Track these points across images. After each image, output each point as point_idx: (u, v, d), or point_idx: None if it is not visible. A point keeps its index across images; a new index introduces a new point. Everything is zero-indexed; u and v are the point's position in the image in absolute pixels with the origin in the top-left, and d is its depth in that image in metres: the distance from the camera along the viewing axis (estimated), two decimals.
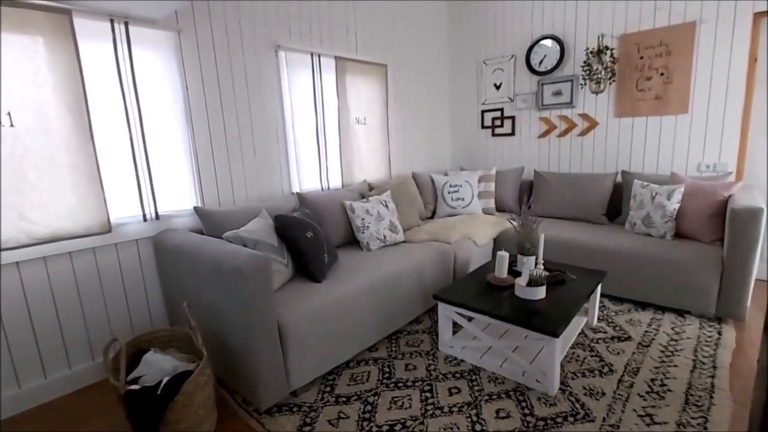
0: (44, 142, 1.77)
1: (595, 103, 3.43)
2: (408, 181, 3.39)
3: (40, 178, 1.77)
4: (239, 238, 1.90)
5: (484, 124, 4.18)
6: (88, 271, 2.00)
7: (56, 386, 1.93)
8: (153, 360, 1.63)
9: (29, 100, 1.72)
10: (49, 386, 1.91)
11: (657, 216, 2.67)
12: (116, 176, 2.05)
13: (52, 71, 1.77)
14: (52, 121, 1.78)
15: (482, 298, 2.03)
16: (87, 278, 1.99)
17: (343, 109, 3.09)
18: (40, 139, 1.75)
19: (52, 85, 1.77)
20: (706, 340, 2.16)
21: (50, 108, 1.77)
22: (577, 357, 2.06)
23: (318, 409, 1.75)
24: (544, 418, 1.64)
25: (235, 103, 2.47)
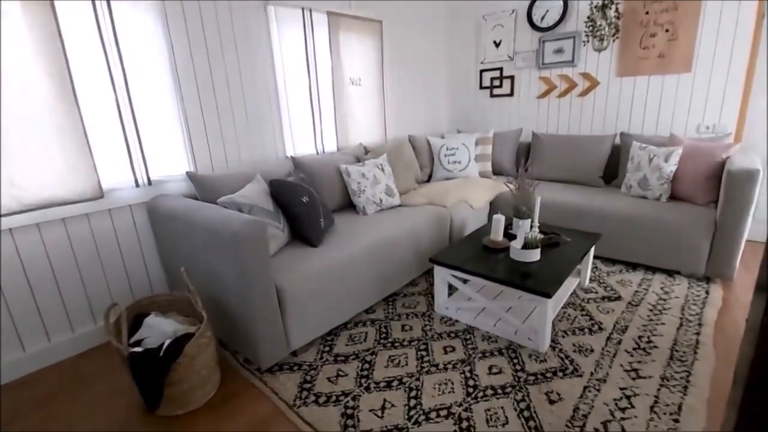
0: (27, 106, 1.70)
1: (597, 61, 3.32)
2: (404, 144, 3.33)
3: (26, 144, 1.72)
4: (234, 204, 1.89)
5: (483, 84, 4.07)
6: (83, 237, 1.99)
7: (60, 349, 1.97)
8: (154, 323, 1.66)
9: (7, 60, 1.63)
10: (53, 349, 1.95)
11: (653, 178, 2.66)
12: (105, 141, 1.99)
13: (31, 32, 1.67)
14: (33, 86, 1.70)
15: (478, 260, 2.06)
16: (83, 244, 1.99)
17: (336, 69, 2.98)
18: (21, 102, 1.69)
19: (30, 45, 1.68)
20: (693, 299, 2.22)
21: (30, 70, 1.69)
22: (568, 316, 2.12)
23: (317, 368, 1.81)
24: (534, 374, 1.71)
25: (224, 63, 2.37)
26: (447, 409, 1.53)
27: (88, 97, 1.91)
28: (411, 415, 1.51)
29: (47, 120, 1.76)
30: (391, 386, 1.67)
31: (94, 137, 1.92)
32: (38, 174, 1.76)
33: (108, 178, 2.02)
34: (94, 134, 1.93)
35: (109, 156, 2.02)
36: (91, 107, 1.92)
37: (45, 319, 1.92)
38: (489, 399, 1.58)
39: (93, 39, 1.89)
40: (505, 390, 1.62)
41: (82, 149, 1.86)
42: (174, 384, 1.53)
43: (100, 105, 1.96)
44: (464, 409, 1.53)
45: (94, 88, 1.93)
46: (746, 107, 2.82)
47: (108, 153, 2.01)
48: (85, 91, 1.89)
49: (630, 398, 1.54)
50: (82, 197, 1.89)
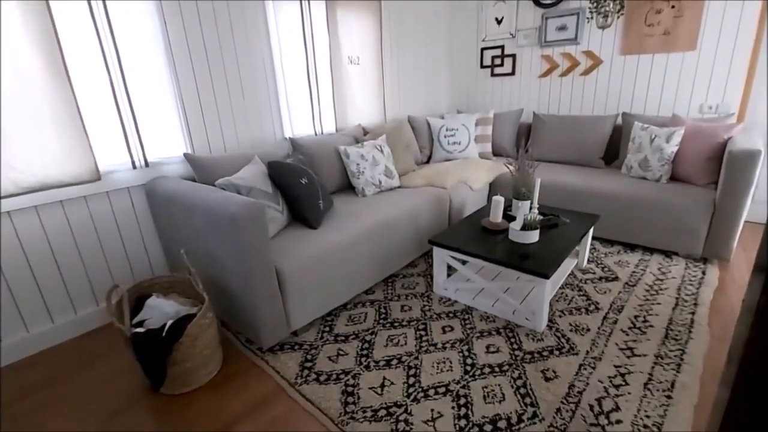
0: (18, 86, 1.66)
1: (601, 39, 3.25)
2: (403, 125, 3.30)
3: (20, 125, 1.69)
4: (232, 186, 1.88)
5: (484, 63, 3.99)
6: (82, 219, 1.99)
7: (64, 330, 2.00)
8: (155, 304, 1.68)
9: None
10: (57, 330, 1.98)
11: (654, 159, 2.65)
12: (100, 122, 1.97)
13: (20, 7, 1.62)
14: (24, 63, 1.66)
15: (477, 242, 2.07)
16: (82, 227, 1.99)
17: (334, 47, 2.91)
18: (13, 82, 1.65)
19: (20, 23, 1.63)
20: (690, 280, 2.25)
21: (21, 49, 1.65)
22: (565, 296, 2.15)
23: (318, 347, 1.84)
24: (531, 352, 1.74)
25: (219, 42, 2.31)
26: (445, 387, 1.57)
27: (81, 77, 1.87)
28: (410, 393, 1.55)
29: (40, 101, 1.72)
30: (391, 365, 1.70)
31: (89, 119, 1.89)
32: (34, 156, 1.74)
33: (105, 160, 2.00)
34: (89, 115, 1.90)
35: (105, 138, 2.00)
36: (85, 88, 1.89)
37: (47, 300, 1.94)
38: (486, 377, 1.61)
39: (84, 17, 1.83)
40: (502, 368, 1.65)
41: (77, 131, 1.83)
42: (177, 363, 1.55)
43: (93, 85, 1.92)
44: (462, 386, 1.57)
45: (87, 68, 1.89)
46: (750, 87, 2.78)
47: (104, 135, 1.99)
48: (77, 72, 1.85)
49: (624, 376, 1.58)
50: (79, 179, 1.88)
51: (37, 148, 1.75)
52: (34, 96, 1.71)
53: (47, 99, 1.74)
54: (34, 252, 1.86)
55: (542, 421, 1.40)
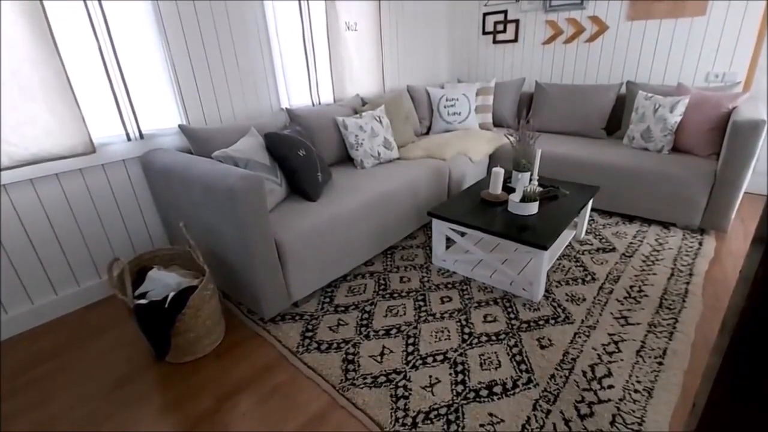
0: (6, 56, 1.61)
1: (607, 4, 3.13)
2: (402, 96, 3.23)
3: (10, 97, 1.65)
4: (229, 158, 1.85)
5: (486, 29, 3.86)
6: (79, 192, 1.97)
7: (67, 302, 2.03)
8: (157, 276, 1.69)
9: None
10: (60, 302, 2.00)
11: (657, 129, 2.61)
12: (91, 94, 1.91)
13: None
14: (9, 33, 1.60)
15: (476, 214, 2.07)
16: (79, 200, 1.98)
17: (331, 13, 2.80)
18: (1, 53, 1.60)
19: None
20: (686, 250, 2.27)
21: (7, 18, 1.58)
22: (562, 267, 2.17)
23: (319, 318, 1.88)
24: (527, 321, 1.78)
25: (211, 8, 2.22)
26: (443, 354, 1.61)
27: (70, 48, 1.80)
28: (409, 360, 1.59)
29: (29, 71, 1.67)
30: (390, 334, 1.74)
31: (80, 90, 1.84)
32: (27, 129, 1.71)
33: (99, 132, 1.97)
34: (80, 87, 1.85)
35: (98, 109, 1.95)
36: (74, 58, 1.83)
37: (49, 273, 1.95)
38: (483, 345, 1.65)
39: None
40: (498, 337, 1.69)
41: (68, 102, 1.79)
42: (181, 334, 1.59)
43: (82, 55, 1.86)
44: (459, 354, 1.61)
45: (75, 38, 1.82)
46: (759, 55, 2.70)
47: (96, 106, 1.94)
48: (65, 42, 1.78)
49: (618, 343, 1.62)
50: (74, 152, 1.85)
51: (30, 121, 1.71)
52: (23, 68, 1.66)
53: (37, 71, 1.69)
54: (33, 225, 1.86)
55: (536, 386, 1.45)
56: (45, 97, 1.73)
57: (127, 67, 1.99)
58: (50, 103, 1.75)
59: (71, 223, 1.97)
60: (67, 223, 1.96)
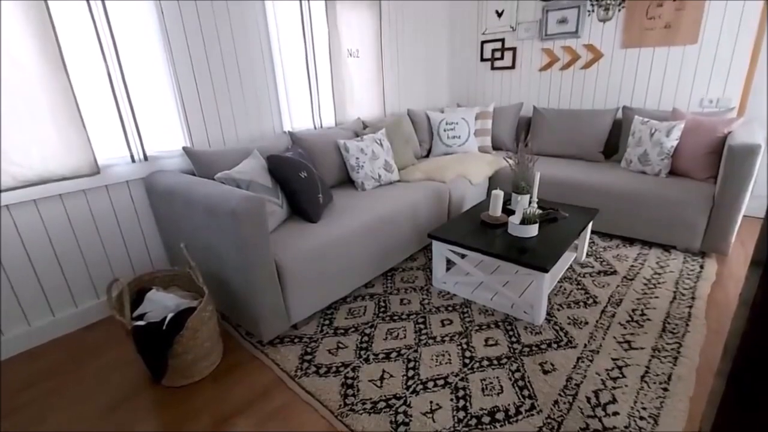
0: (16, 78, 1.65)
1: (602, 32, 3.23)
2: (403, 119, 3.29)
3: (18, 118, 1.68)
4: (232, 179, 1.87)
5: (484, 56, 3.97)
6: (82, 213, 1.98)
7: (65, 323, 2.01)
8: (156, 298, 1.68)
9: None
10: (58, 323, 1.98)
11: (654, 153, 2.65)
12: (98, 116, 1.95)
13: None
14: (20, 56, 1.65)
15: (476, 236, 2.07)
16: (81, 220, 1.99)
17: (334, 40, 2.89)
18: (10, 74, 1.64)
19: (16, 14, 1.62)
20: (688, 273, 2.26)
21: (17, 40, 1.64)
22: (564, 290, 2.16)
23: (318, 340, 1.85)
24: (529, 345, 1.75)
25: (218, 34, 2.30)
26: (444, 379, 1.58)
27: (79, 70, 1.86)
28: (409, 385, 1.56)
29: (38, 93, 1.72)
30: (390, 358, 1.72)
31: (87, 112, 1.88)
32: (33, 150, 1.74)
33: (104, 153, 2.00)
34: (87, 109, 1.89)
35: (104, 131, 1.99)
36: (82, 81, 1.87)
37: (48, 294, 1.94)
38: (485, 369, 1.62)
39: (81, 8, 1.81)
40: (500, 361, 1.67)
41: (75, 124, 1.83)
42: (178, 356, 1.56)
43: (91, 78, 1.91)
44: (461, 379, 1.58)
45: (84, 61, 1.87)
46: (752, 81, 2.77)
47: (102, 128, 1.98)
48: (75, 65, 1.83)
49: (621, 368, 1.59)
50: (78, 173, 1.88)
51: (36, 142, 1.74)
52: (32, 88, 1.70)
53: (45, 92, 1.73)
54: (34, 246, 1.87)
55: (540, 413, 1.41)
56: (52, 119, 1.77)
57: (134, 89, 2.04)
58: (57, 124, 1.78)
59: (72, 243, 1.98)
60: (68, 244, 1.96)
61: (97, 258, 2.07)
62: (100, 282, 2.10)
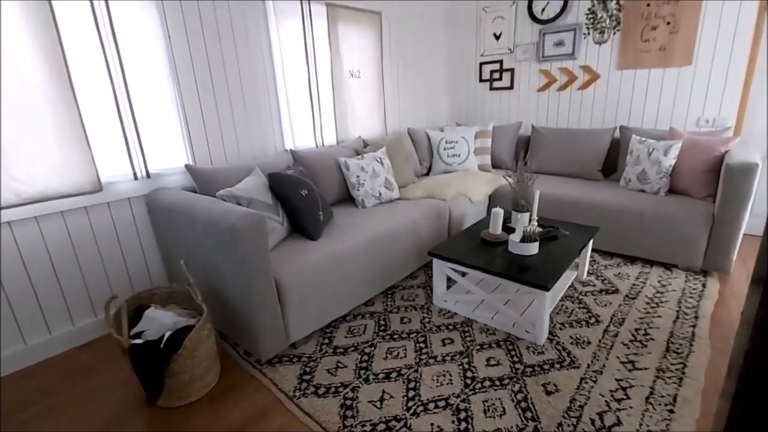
0: (23, 96, 1.69)
1: (598, 54, 3.30)
2: (403, 138, 3.32)
3: (24, 136, 1.71)
4: (233, 197, 1.88)
5: (482, 77, 4.05)
6: (82, 230, 1.99)
7: (61, 341, 1.98)
8: (154, 315, 1.67)
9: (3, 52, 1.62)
10: (54, 341, 1.96)
11: (652, 172, 2.67)
12: (102, 133, 1.98)
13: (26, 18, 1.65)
14: (29, 74, 1.69)
15: (476, 253, 2.07)
16: (82, 237, 1.99)
17: (335, 61, 2.96)
18: (18, 92, 1.67)
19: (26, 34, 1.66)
20: (690, 292, 2.24)
21: (25, 59, 1.67)
22: (565, 309, 2.14)
23: (317, 360, 1.83)
24: (531, 365, 1.73)
25: (222, 55, 2.35)
26: (445, 401, 1.55)
27: (85, 89, 1.89)
28: (409, 406, 1.53)
29: (44, 112, 1.74)
30: (390, 378, 1.69)
31: (91, 129, 1.91)
32: (36, 167, 1.75)
33: (106, 170, 2.01)
34: (92, 126, 1.92)
35: (108, 148, 2.01)
36: (88, 99, 1.91)
37: (45, 311, 1.93)
38: (487, 390, 1.59)
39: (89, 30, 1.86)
40: (502, 381, 1.64)
41: (79, 142, 1.85)
42: (174, 375, 1.54)
43: (97, 97, 1.94)
44: (462, 400, 1.55)
45: (91, 79, 1.91)
46: (746, 101, 2.82)
47: (106, 145, 2.00)
48: (81, 83, 1.87)
49: (626, 389, 1.56)
50: (81, 190, 1.89)
51: (40, 159, 1.76)
52: (38, 106, 1.73)
53: (51, 110, 1.76)
54: (34, 263, 1.86)
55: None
56: (57, 137, 1.79)
57: (139, 108, 2.07)
58: (62, 143, 1.81)
59: (72, 260, 1.97)
60: (67, 261, 1.96)
61: (96, 275, 2.07)
62: (98, 299, 2.09)
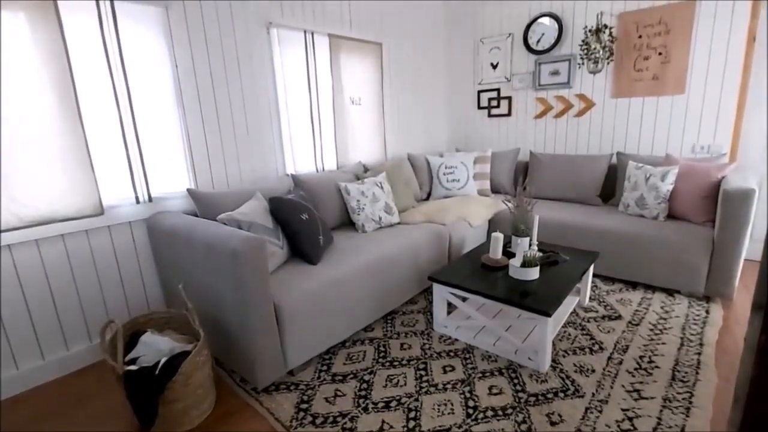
0: (31, 123, 1.72)
1: (593, 83, 3.39)
2: (403, 163, 3.37)
3: (29, 160, 1.73)
4: (233, 221, 1.89)
5: (481, 104, 4.14)
6: (82, 253, 1.98)
7: (54, 367, 1.94)
8: (150, 341, 1.64)
9: (13, 78, 1.66)
10: (47, 367, 1.92)
11: (650, 197, 2.68)
12: (107, 158, 2.01)
13: (37, 48, 1.71)
14: (38, 101, 1.73)
15: (477, 278, 2.05)
16: (81, 261, 1.98)
17: (337, 89, 3.03)
18: (27, 119, 1.71)
19: (37, 62, 1.71)
20: (694, 319, 2.21)
21: (35, 87, 1.72)
22: (568, 335, 2.10)
23: (315, 388, 1.78)
24: (535, 394, 1.68)
25: (227, 82, 2.42)
26: (447, 431, 1.50)
27: (92, 114, 1.94)
28: None
29: (51, 137, 1.78)
30: (390, 407, 1.64)
31: (96, 154, 1.94)
32: (39, 190, 1.77)
33: (109, 194, 2.03)
34: (97, 151, 1.95)
35: (111, 172, 2.04)
36: (95, 124, 1.95)
37: (40, 336, 1.90)
38: (489, 420, 1.55)
39: (99, 58, 1.92)
40: (505, 411, 1.59)
41: (83, 166, 1.88)
42: (169, 403, 1.50)
43: (103, 122, 1.98)
44: (464, 431, 1.50)
45: (98, 105, 1.96)
46: (740, 128, 2.87)
47: (110, 169, 2.03)
48: (89, 109, 1.91)
49: (632, 420, 1.52)
50: (82, 214, 1.90)
51: (44, 183, 1.78)
52: (45, 133, 1.76)
53: (58, 136, 1.80)
54: (31, 286, 1.85)
55: None
56: (62, 162, 1.82)
57: (144, 133, 2.11)
58: (67, 167, 1.83)
59: (69, 284, 1.96)
60: (65, 284, 1.95)
61: (93, 299, 2.05)
62: (94, 324, 2.06)
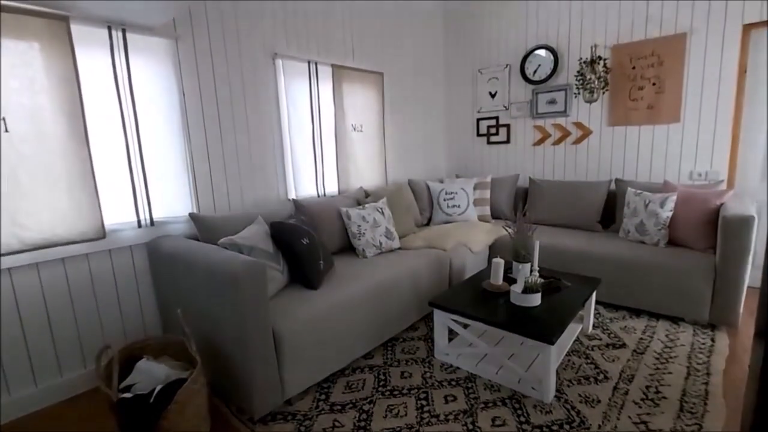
0: (39, 149, 1.76)
1: (589, 111, 3.47)
2: (404, 188, 3.40)
3: (34, 185, 1.76)
4: (234, 245, 1.90)
5: (480, 132, 4.22)
6: (81, 277, 1.98)
7: (47, 394, 1.90)
8: (146, 368, 1.61)
9: (25, 106, 1.71)
10: (39, 394, 1.88)
11: (650, 223, 2.69)
12: (111, 182, 2.04)
13: (49, 77, 1.76)
14: (47, 128, 1.77)
15: (478, 304, 2.03)
16: (80, 284, 1.97)
17: (339, 117, 3.10)
18: (34, 145, 1.74)
19: (48, 91, 1.77)
20: (699, 347, 2.17)
21: (46, 114, 1.77)
22: (572, 364, 2.06)
23: (312, 418, 1.74)
24: (539, 426, 1.63)
25: (232, 110, 2.48)
26: None
27: (99, 138, 1.97)
28: None
29: (58, 163, 1.81)
30: None
31: (101, 177, 1.96)
32: (42, 213, 1.78)
33: (111, 217, 2.04)
34: (102, 174, 1.98)
35: (114, 197, 2.05)
36: (101, 148, 1.98)
37: (34, 362, 1.86)
38: None
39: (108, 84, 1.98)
40: None
41: (88, 190, 1.90)
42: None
43: (109, 146, 2.02)
44: None
45: (106, 129, 2.00)
46: (736, 155, 2.91)
47: (113, 194, 2.05)
48: (96, 133, 1.95)
49: None
50: (84, 237, 1.91)
51: (48, 207, 1.80)
52: (52, 157, 1.79)
53: (65, 161, 1.83)
54: (28, 309, 1.83)
55: None
56: (67, 186, 1.84)
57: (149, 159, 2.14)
58: (71, 191, 1.85)
59: (67, 308, 1.94)
60: (63, 309, 1.93)
61: (90, 324, 2.02)
62: (89, 349, 2.02)
